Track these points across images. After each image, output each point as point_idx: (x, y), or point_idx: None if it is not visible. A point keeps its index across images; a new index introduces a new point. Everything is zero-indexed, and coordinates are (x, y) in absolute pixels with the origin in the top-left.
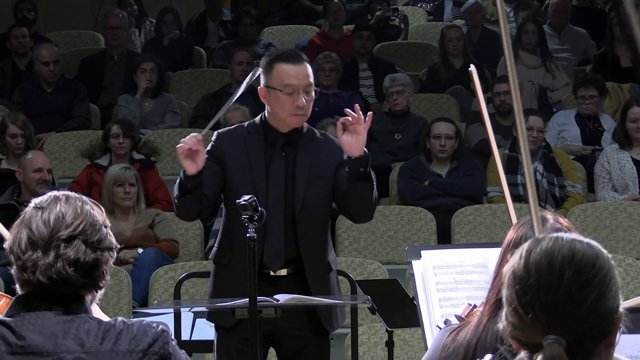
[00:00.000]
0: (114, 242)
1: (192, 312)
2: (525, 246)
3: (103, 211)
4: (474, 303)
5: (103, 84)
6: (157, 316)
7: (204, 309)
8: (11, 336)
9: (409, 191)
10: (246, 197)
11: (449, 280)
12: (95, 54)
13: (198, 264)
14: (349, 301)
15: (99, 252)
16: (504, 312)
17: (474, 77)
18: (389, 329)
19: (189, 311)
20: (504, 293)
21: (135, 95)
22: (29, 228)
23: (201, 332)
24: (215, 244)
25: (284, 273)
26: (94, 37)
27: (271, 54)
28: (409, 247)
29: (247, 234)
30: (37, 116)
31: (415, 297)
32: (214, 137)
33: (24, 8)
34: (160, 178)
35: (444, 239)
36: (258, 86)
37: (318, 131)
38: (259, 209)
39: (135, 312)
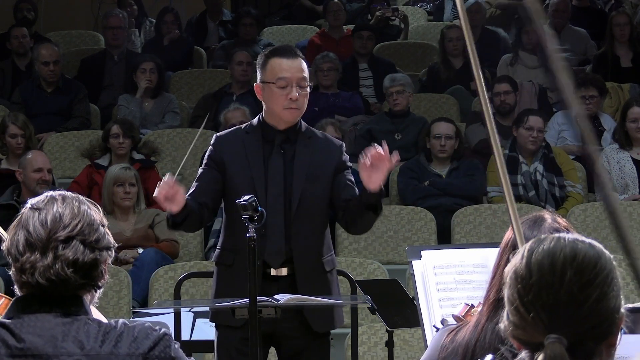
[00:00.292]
0: (112, 241)
1: (192, 312)
2: (527, 246)
3: (100, 210)
4: (471, 303)
5: (103, 84)
6: (157, 316)
7: (203, 309)
8: (10, 338)
9: (409, 191)
10: (246, 197)
11: (449, 280)
12: (95, 54)
13: (198, 264)
14: (349, 301)
15: (97, 251)
16: (505, 312)
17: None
18: (389, 329)
19: (189, 311)
20: (506, 292)
21: (135, 95)
22: (26, 229)
23: (201, 332)
24: (218, 246)
25: (285, 273)
26: (94, 37)
27: (266, 50)
28: (409, 247)
29: (247, 234)
30: (37, 116)
31: (415, 297)
32: (212, 141)
33: (24, 8)
34: (160, 178)
35: (444, 239)
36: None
37: (318, 131)
38: (259, 209)
39: (135, 312)
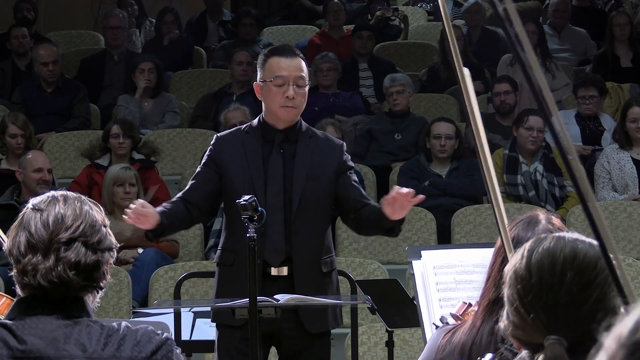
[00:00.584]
0: (114, 241)
1: (192, 312)
2: (527, 245)
3: (102, 210)
4: (469, 301)
5: (103, 84)
6: (157, 316)
7: (203, 308)
8: (12, 340)
9: None
10: (246, 197)
11: (449, 280)
12: (95, 54)
13: (198, 264)
14: (349, 301)
15: (99, 253)
16: (505, 311)
17: (466, 80)
18: (389, 329)
19: (189, 311)
20: (506, 292)
21: (134, 95)
22: (27, 231)
23: (201, 332)
24: (219, 247)
25: (285, 272)
26: (94, 37)
27: (267, 50)
28: (409, 247)
29: (247, 234)
30: (37, 116)
31: (415, 297)
32: (213, 141)
33: (24, 8)
34: (160, 178)
35: (444, 239)
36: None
37: (318, 131)
38: (259, 209)
39: (135, 312)
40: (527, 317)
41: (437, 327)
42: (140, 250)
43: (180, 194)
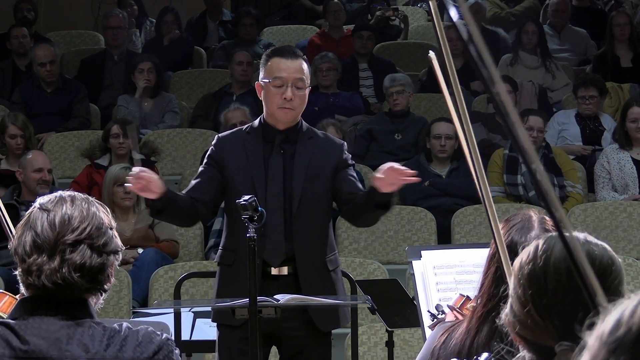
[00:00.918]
0: (120, 244)
1: (192, 312)
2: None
3: (109, 212)
4: (467, 294)
5: (103, 84)
6: (157, 316)
7: (204, 308)
8: (15, 340)
9: (409, 191)
10: (246, 197)
11: (449, 280)
12: (95, 54)
13: (198, 264)
14: (349, 301)
15: (104, 255)
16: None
17: (433, 63)
18: (389, 329)
19: (189, 311)
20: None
21: (134, 95)
22: (33, 230)
23: (201, 332)
24: (220, 247)
25: (285, 272)
26: (94, 37)
27: (269, 50)
28: (409, 247)
29: (247, 234)
30: (37, 116)
31: (415, 297)
32: (214, 141)
33: (24, 8)
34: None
35: (444, 239)
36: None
37: (319, 131)
38: (259, 209)
39: (135, 312)
40: (539, 320)
41: (432, 315)
42: (140, 250)
43: (185, 191)
